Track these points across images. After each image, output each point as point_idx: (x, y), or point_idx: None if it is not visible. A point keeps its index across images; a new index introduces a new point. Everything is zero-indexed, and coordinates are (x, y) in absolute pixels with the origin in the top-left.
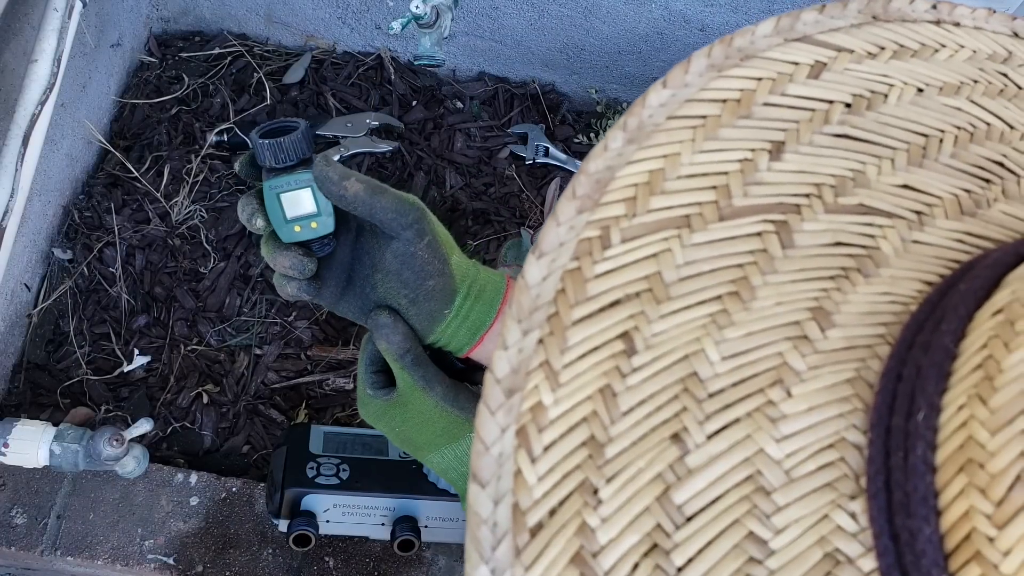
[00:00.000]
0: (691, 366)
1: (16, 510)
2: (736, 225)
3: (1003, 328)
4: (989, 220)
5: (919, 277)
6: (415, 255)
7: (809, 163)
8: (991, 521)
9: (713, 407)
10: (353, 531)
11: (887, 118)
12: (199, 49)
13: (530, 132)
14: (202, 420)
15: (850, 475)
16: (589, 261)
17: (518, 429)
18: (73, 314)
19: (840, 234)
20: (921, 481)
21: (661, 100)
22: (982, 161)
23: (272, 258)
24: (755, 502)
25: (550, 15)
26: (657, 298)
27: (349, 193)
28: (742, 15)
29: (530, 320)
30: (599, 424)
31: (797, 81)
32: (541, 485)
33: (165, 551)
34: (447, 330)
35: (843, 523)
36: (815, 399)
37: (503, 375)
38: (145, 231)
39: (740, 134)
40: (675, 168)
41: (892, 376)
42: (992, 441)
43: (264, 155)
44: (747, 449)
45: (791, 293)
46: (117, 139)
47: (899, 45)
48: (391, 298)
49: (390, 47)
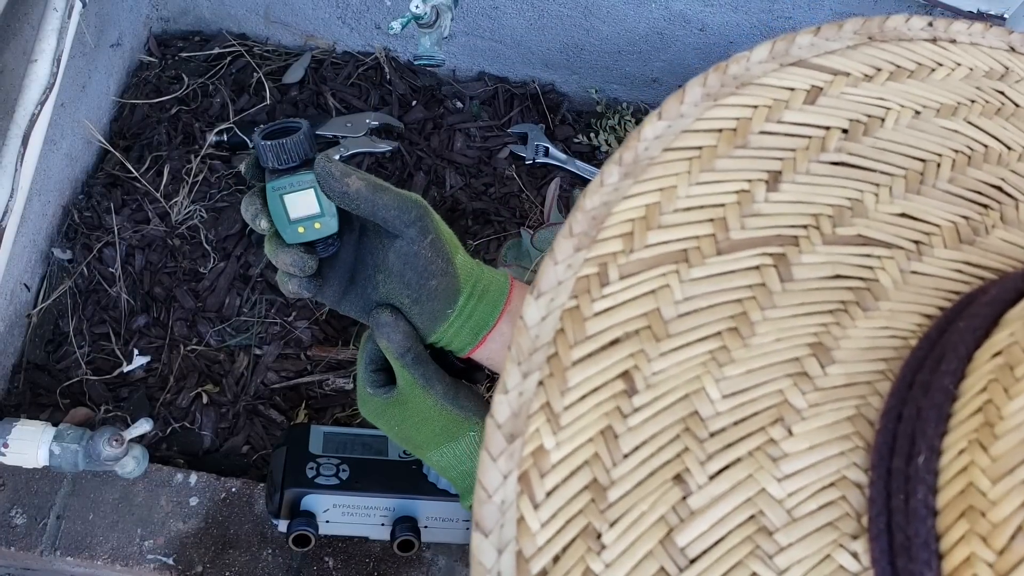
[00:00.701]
0: (692, 405)
1: (16, 510)
2: (734, 259)
3: (1003, 372)
4: (987, 248)
5: (918, 310)
6: (418, 254)
7: (806, 193)
8: (993, 569)
9: (715, 447)
10: (353, 531)
11: (884, 143)
12: (199, 49)
13: (530, 132)
14: (202, 420)
15: (852, 514)
16: (588, 299)
17: (520, 475)
18: (73, 314)
19: (839, 266)
20: (922, 525)
21: (656, 132)
22: (980, 186)
23: (274, 256)
24: (758, 543)
25: (550, 15)
26: (656, 336)
27: (351, 190)
28: (742, 14)
29: (530, 362)
30: (601, 467)
31: (793, 108)
32: (544, 531)
33: (165, 551)
34: (449, 330)
35: (845, 563)
36: (816, 437)
37: (504, 419)
38: (145, 231)
39: (737, 164)
40: (672, 202)
41: (892, 416)
42: (993, 490)
43: (266, 156)
44: (749, 489)
45: (790, 328)
46: (117, 139)
47: (895, 66)
48: (393, 297)
49: (390, 47)
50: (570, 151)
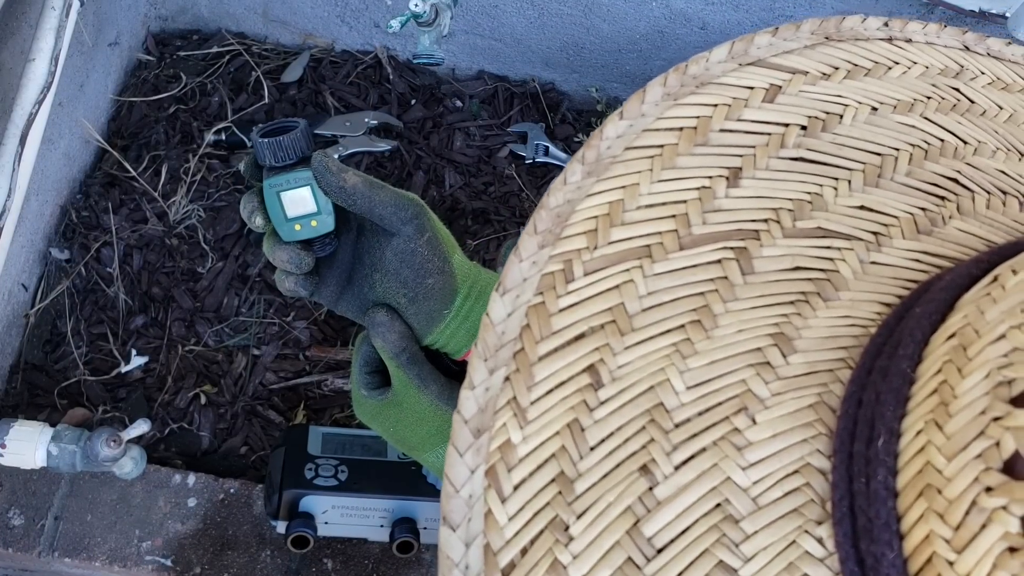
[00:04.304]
0: (657, 397)
1: (13, 511)
2: (696, 254)
3: (956, 353)
4: (945, 238)
5: (878, 299)
6: (415, 252)
7: (766, 188)
8: (950, 545)
9: (680, 437)
10: (352, 533)
11: (843, 139)
12: (197, 48)
13: (530, 131)
14: (200, 421)
15: (816, 500)
16: (553, 295)
17: (487, 469)
18: (70, 314)
19: (799, 258)
20: (883, 507)
21: (618, 131)
22: (937, 178)
23: (271, 253)
24: (724, 531)
25: (550, 13)
26: (621, 330)
27: (348, 185)
28: (743, 13)
29: (496, 358)
30: (568, 460)
31: (752, 106)
32: (512, 524)
33: (163, 552)
34: (446, 331)
35: (811, 548)
36: (779, 425)
37: (470, 415)
38: (143, 231)
39: (697, 162)
40: (634, 199)
41: (853, 402)
42: (949, 467)
43: (264, 154)
44: (714, 478)
45: (752, 320)
46: (115, 138)
47: (853, 64)
48: (390, 297)
49: (389, 46)
50: (570, 150)
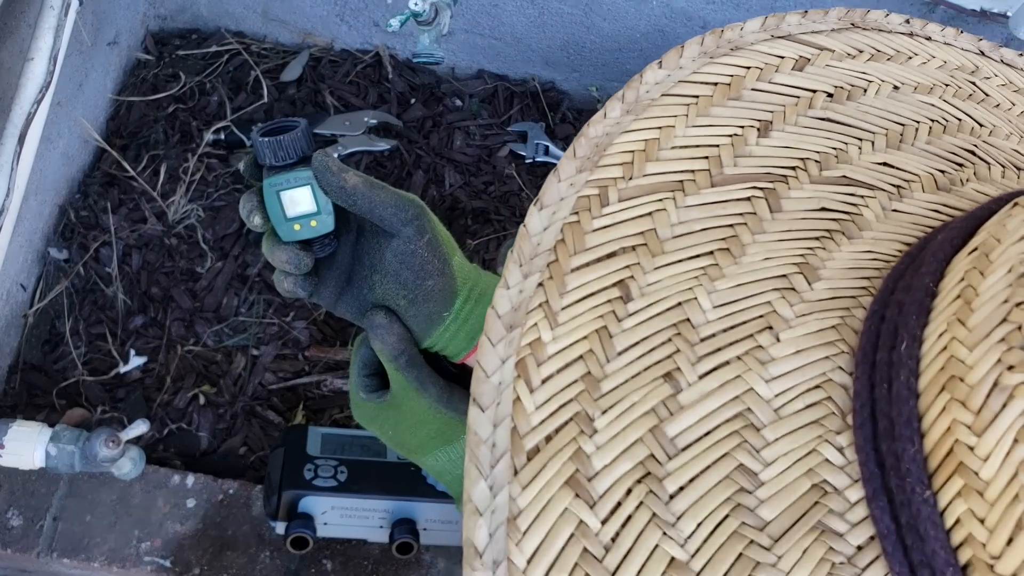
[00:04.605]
0: (684, 313)
1: (12, 512)
2: (727, 191)
3: (979, 260)
4: (963, 195)
5: (900, 239)
6: (415, 253)
7: (795, 140)
8: (971, 429)
9: (705, 349)
10: (351, 534)
11: (867, 108)
12: (196, 47)
13: (530, 130)
14: (199, 421)
15: (837, 413)
16: (588, 216)
17: (518, 361)
18: (69, 314)
19: (825, 200)
20: (905, 406)
21: (657, 79)
22: (955, 149)
23: (270, 253)
24: (745, 437)
25: (550, 12)
26: (652, 251)
27: (348, 185)
28: (744, 12)
29: (531, 265)
30: (595, 361)
31: (783, 71)
32: (539, 413)
33: (162, 553)
34: (445, 333)
35: (831, 456)
36: (803, 343)
37: (504, 311)
38: (142, 230)
39: (730, 112)
40: (669, 139)
41: (876, 318)
42: (971, 355)
43: (264, 153)
44: (737, 388)
45: (779, 250)
46: (114, 138)
47: (876, 50)
48: (389, 299)
49: (388, 45)
50: None
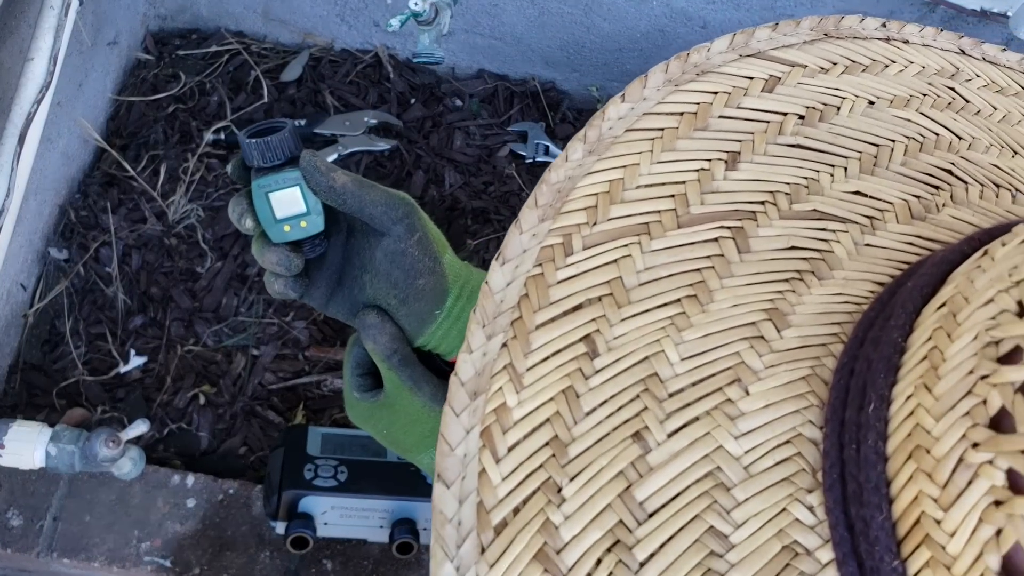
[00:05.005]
0: (652, 367)
1: (12, 511)
2: (694, 232)
3: (946, 320)
4: (938, 224)
5: (871, 278)
6: (405, 252)
7: (764, 172)
8: (938, 503)
9: (673, 406)
10: (351, 533)
11: (839, 128)
12: (196, 47)
13: (530, 130)
14: (199, 421)
15: (807, 469)
16: (552, 267)
17: (483, 430)
18: (69, 314)
19: (795, 239)
20: (873, 470)
21: (620, 113)
22: (931, 169)
23: (260, 255)
24: (715, 497)
25: (550, 12)
26: (618, 302)
27: (337, 184)
28: (744, 12)
29: (494, 324)
30: (562, 424)
31: (752, 95)
32: (505, 484)
33: (162, 553)
34: (437, 331)
35: (801, 516)
36: (772, 396)
37: (467, 378)
38: (141, 230)
39: (697, 145)
40: (634, 178)
41: (845, 372)
42: (937, 427)
43: (252, 154)
44: (707, 446)
45: (747, 295)
46: (113, 138)
47: (850, 60)
48: (381, 298)
49: (388, 44)
50: None
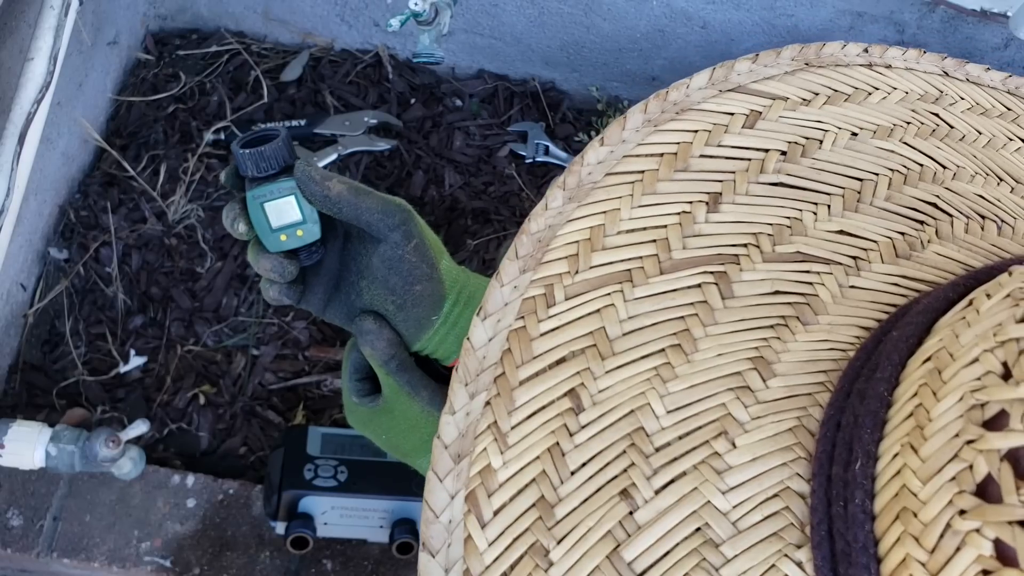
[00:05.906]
0: (637, 420)
1: (12, 511)
2: (676, 278)
3: (931, 377)
4: (923, 262)
5: (857, 323)
6: (402, 258)
7: (746, 213)
8: (926, 568)
9: (660, 461)
10: (351, 534)
11: (822, 164)
12: (196, 47)
13: (530, 130)
14: (199, 421)
15: (795, 524)
16: (534, 320)
17: (467, 495)
18: (69, 314)
19: (778, 283)
20: (861, 530)
21: (599, 157)
22: (915, 203)
23: (255, 262)
24: (704, 555)
25: (550, 12)
26: (602, 354)
27: (332, 193)
28: (744, 12)
29: (477, 382)
30: (548, 484)
31: (732, 132)
32: (492, 550)
33: (162, 553)
34: (435, 337)
35: (791, 572)
36: (759, 449)
37: (451, 440)
38: (141, 230)
39: (678, 187)
40: (615, 224)
41: (831, 425)
42: (924, 490)
43: (245, 165)
44: (694, 502)
45: (732, 344)
46: (113, 138)
47: (832, 90)
48: (378, 304)
49: (388, 45)
50: (571, 150)
